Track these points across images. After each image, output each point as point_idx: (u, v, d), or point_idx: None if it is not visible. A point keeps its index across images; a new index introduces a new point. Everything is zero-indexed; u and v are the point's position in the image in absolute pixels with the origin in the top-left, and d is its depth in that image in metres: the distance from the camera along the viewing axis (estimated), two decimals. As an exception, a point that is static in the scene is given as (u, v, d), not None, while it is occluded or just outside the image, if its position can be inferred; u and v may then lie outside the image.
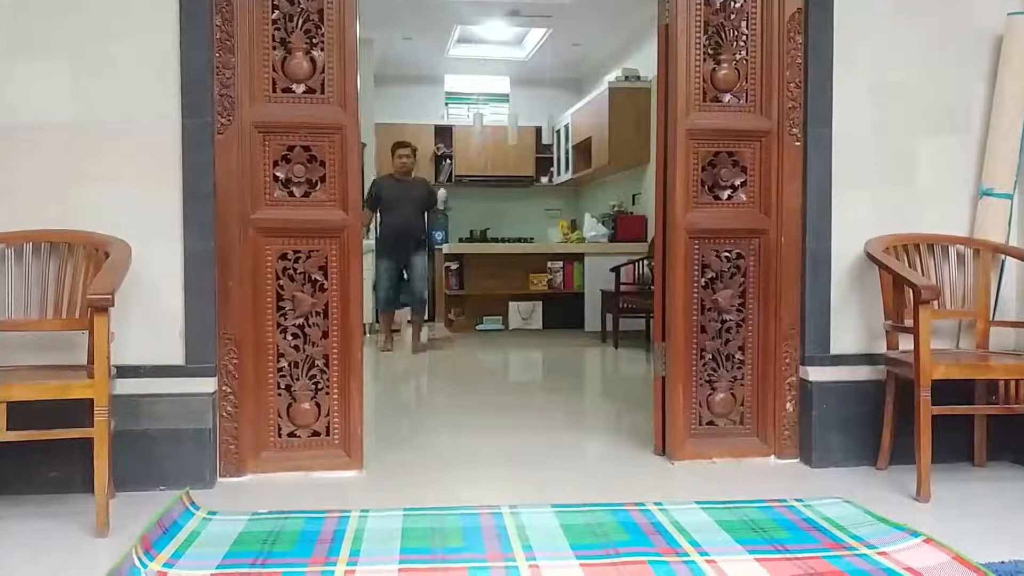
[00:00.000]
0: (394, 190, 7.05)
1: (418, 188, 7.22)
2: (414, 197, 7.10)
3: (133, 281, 2.88)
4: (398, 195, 7.03)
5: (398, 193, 7.03)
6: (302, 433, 3.22)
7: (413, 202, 7.09)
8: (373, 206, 7.08)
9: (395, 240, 7.06)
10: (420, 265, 7.18)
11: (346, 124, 3.16)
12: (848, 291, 3.35)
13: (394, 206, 7.02)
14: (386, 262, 7.11)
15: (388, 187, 7.10)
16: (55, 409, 2.58)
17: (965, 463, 3.29)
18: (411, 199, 7.08)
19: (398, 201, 7.01)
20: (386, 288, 7.12)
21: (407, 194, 7.06)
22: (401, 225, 7.02)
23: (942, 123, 3.38)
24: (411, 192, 7.09)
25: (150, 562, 2.28)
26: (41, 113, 2.97)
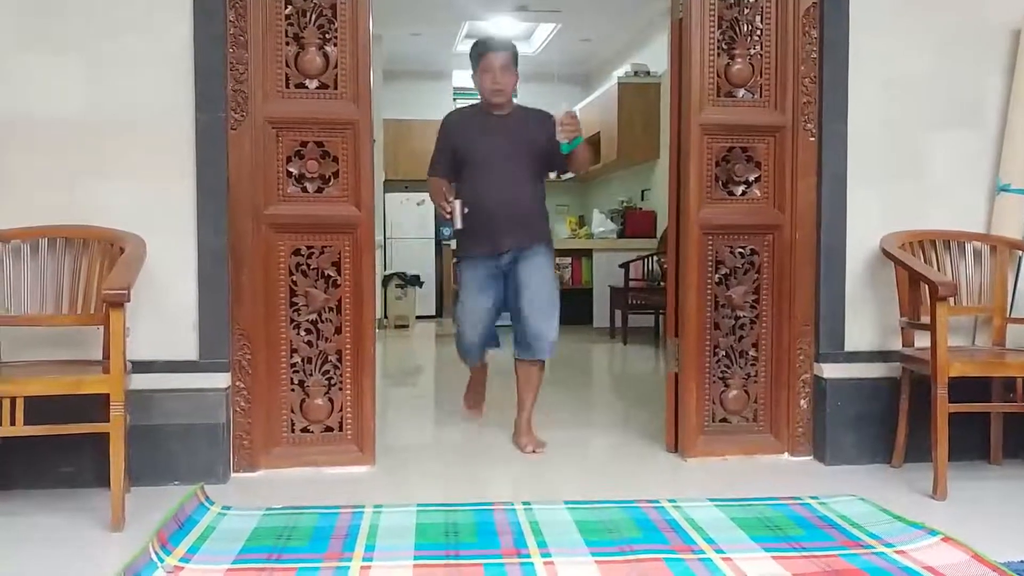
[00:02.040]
0: (484, 133, 3.55)
1: (530, 125, 3.55)
2: (523, 142, 3.52)
3: (146, 276, 2.88)
4: (493, 143, 3.52)
5: (493, 139, 3.53)
6: (315, 428, 3.22)
7: (521, 155, 3.53)
8: (449, 168, 3.60)
9: (489, 229, 3.48)
10: (540, 276, 3.53)
11: (359, 119, 3.16)
12: (863, 287, 3.33)
13: (486, 165, 3.51)
14: (472, 272, 3.60)
15: (471, 128, 3.59)
16: (70, 404, 2.58)
17: (981, 461, 3.27)
18: (517, 148, 3.52)
19: (493, 154, 3.51)
20: (472, 320, 3.62)
21: (510, 139, 3.53)
22: (498, 199, 3.47)
23: (958, 118, 3.36)
24: (517, 135, 3.53)
25: (167, 556, 2.28)
26: (55, 107, 2.96)
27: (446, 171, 3.58)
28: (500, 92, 3.48)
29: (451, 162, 3.56)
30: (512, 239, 3.47)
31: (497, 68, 3.46)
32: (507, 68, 3.48)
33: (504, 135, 3.49)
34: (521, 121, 3.54)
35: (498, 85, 3.47)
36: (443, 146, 3.59)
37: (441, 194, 3.52)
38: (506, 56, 3.49)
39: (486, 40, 3.61)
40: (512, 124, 3.53)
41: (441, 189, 3.56)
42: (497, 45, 3.54)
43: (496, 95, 3.48)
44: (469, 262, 3.56)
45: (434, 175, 3.60)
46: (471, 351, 3.70)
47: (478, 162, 3.48)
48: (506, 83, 3.48)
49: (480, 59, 3.49)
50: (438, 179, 3.59)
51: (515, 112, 3.58)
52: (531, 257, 3.49)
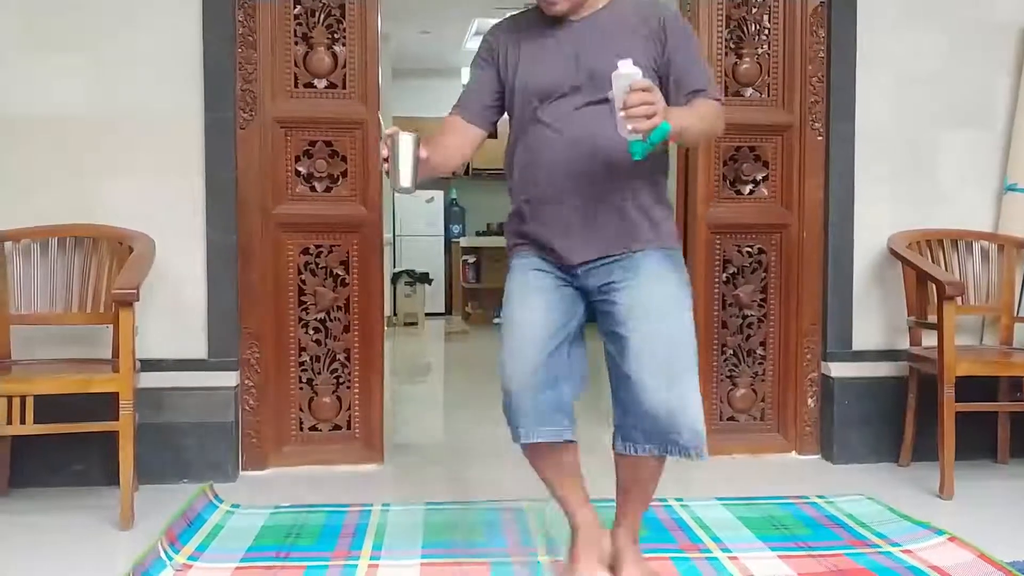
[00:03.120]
0: (545, 55, 1.95)
1: (633, 32, 1.93)
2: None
3: (156, 275, 2.90)
4: (561, 72, 1.92)
5: (561, 64, 1.93)
6: (323, 427, 3.24)
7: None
8: (483, 111, 2.06)
9: (553, 227, 1.97)
10: (655, 304, 1.92)
11: (367, 119, 3.17)
12: (870, 286, 3.32)
13: (549, 112, 1.92)
14: (523, 276, 2.04)
15: (528, 45, 1.99)
16: (80, 403, 2.60)
17: (988, 460, 3.26)
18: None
19: (561, 91, 1.92)
20: (519, 348, 1.98)
21: (595, 61, 1.87)
22: (568, 173, 1.91)
23: (966, 117, 3.35)
24: (607, 53, 1.78)
25: (175, 555, 2.30)
26: (63, 107, 2.98)
27: (475, 113, 2.03)
28: (554, 4, 1.89)
29: (490, 102, 2.03)
30: (596, 244, 1.92)
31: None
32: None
33: (584, 55, 1.88)
34: (616, 25, 1.91)
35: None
36: (477, 73, 2.06)
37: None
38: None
39: None
40: (600, 33, 1.90)
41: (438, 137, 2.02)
42: None
43: (551, 10, 1.91)
44: (521, 259, 2.04)
45: (452, 113, 2.07)
46: (520, 407, 1.96)
47: (535, 106, 1.91)
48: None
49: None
50: (451, 120, 2.06)
51: (606, 9, 1.94)
52: (638, 271, 1.90)
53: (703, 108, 1.89)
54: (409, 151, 1.78)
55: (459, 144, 2.06)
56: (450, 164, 2.05)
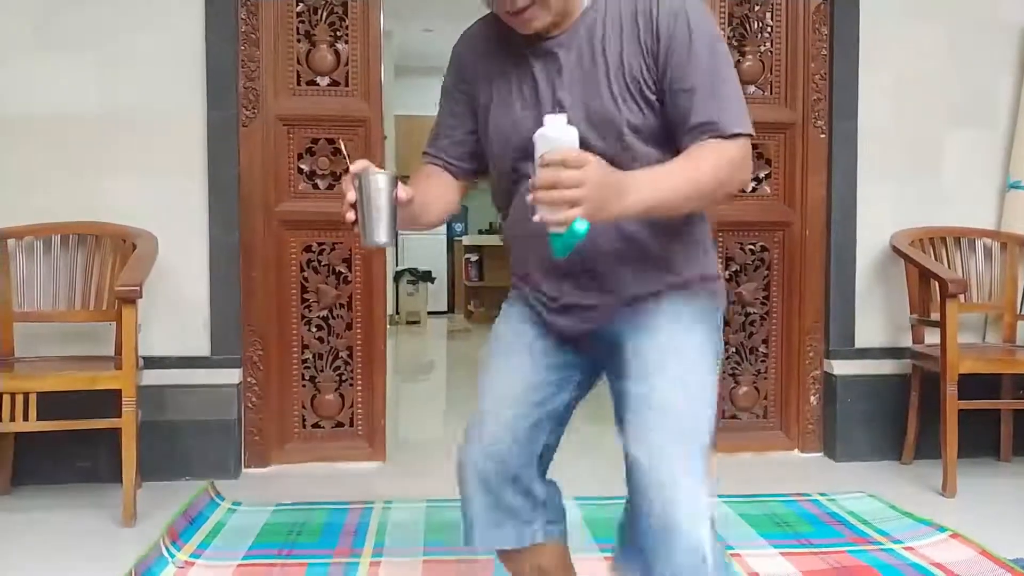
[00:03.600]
0: (521, 82, 1.42)
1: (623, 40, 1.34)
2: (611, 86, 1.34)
3: (158, 273, 2.90)
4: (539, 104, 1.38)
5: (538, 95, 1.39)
6: (326, 424, 3.24)
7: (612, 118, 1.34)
8: (461, 147, 1.54)
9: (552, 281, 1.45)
10: (670, 366, 1.34)
11: (370, 116, 3.17)
12: (873, 284, 3.32)
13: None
14: (508, 325, 1.56)
15: (498, 67, 1.45)
16: (83, 400, 2.61)
17: (990, 458, 3.26)
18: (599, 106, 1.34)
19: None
20: (491, 410, 1.49)
21: (581, 88, 1.36)
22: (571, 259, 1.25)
23: (968, 115, 3.34)
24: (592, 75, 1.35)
25: (177, 552, 2.30)
26: (67, 105, 2.99)
27: (452, 159, 1.55)
28: (522, 11, 1.33)
29: (470, 145, 1.54)
30: (602, 308, 1.43)
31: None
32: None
33: (564, 92, 1.38)
34: (603, 36, 1.37)
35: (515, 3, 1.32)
36: (449, 106, 1.55)
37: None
38: None
39: None
40: (581, 54, 1.38)
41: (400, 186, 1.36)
42: None
43: (524, 29, 1.37)
44: (515, 299, 1.59)
45: (425, 160, 1.57)
46: (474, 497, 1.52)
47: (514, 162, 1.43)
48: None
49: None
50: (426, 167, 1.56)
51: (592, 11, 1.39)
52: (651, 324, 1.40)
53: (698, 163, 1.25)
54: (384, 195, 1.26)
55: (441, 193, 1.51)
56: (432, 216, 1.48)
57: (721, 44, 1.36)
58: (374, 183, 1.27)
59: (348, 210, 1.29)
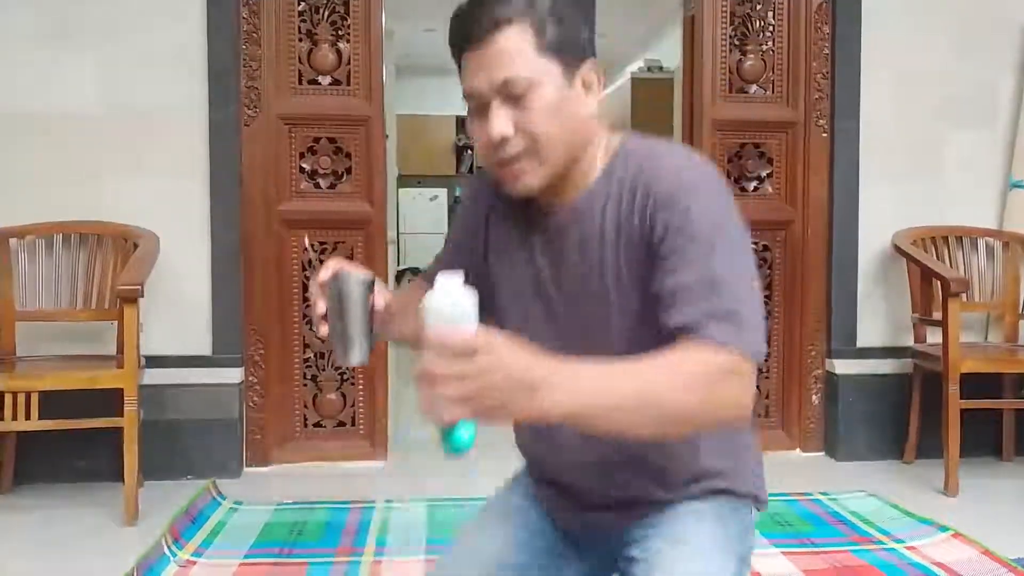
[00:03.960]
0: (522, 260, 1.18)
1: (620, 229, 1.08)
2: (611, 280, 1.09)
3: (160, 272, 2.90)
4: (539, 286, 1.16)
5: (538, 276, 1.16)
6: (327, 423, 3.24)
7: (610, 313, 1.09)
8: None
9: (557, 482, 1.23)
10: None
11: (371, 116, 3.17)
12: (874, 283, 3.32)
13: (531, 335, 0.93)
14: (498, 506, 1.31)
15: (505, 237, 1.21)
16: (85, 399, 2.61)
17: (992, 458, 3.26)
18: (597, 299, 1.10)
19: (542, 315, 1.16)
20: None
21: (579, 278, 1.12)
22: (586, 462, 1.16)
23: (970, 115, 3.34)
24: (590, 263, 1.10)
25: (179, 551, 2.30)
26: (69, 104, 2.99)
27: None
28: (510, 162, 1.07)
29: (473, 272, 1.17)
30: (610, 513, 1.19)
31: (487, 86, 1.05)
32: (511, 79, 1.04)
33: (564, 266, 1.14)
34: (599, 221, 1.10)
35: (506, 149, 1.06)
36: (457, 238, 1.33)
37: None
38: (512, 33, 1.04)
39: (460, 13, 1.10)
40: (583, 237, 1.11)
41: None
42: (479, 20, 1.05)
43: (515, 185, 1.10)
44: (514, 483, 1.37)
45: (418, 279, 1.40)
46: None
47: (513, 326, 1.13)
48: (532, 125, 1.05)
49: (456, 58, 1.12)
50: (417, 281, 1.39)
51: (594, 198, 1.11)
52: (664, 520, 1.14)
53: (666, 372, 0.92)
54: (359, 306, 1.08)
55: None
56: (406, 329, 1.22)
57: (728, 232, 1.04)
58: (347, 293, 1.07)
59: (320, 323, 1.10)
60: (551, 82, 1.04)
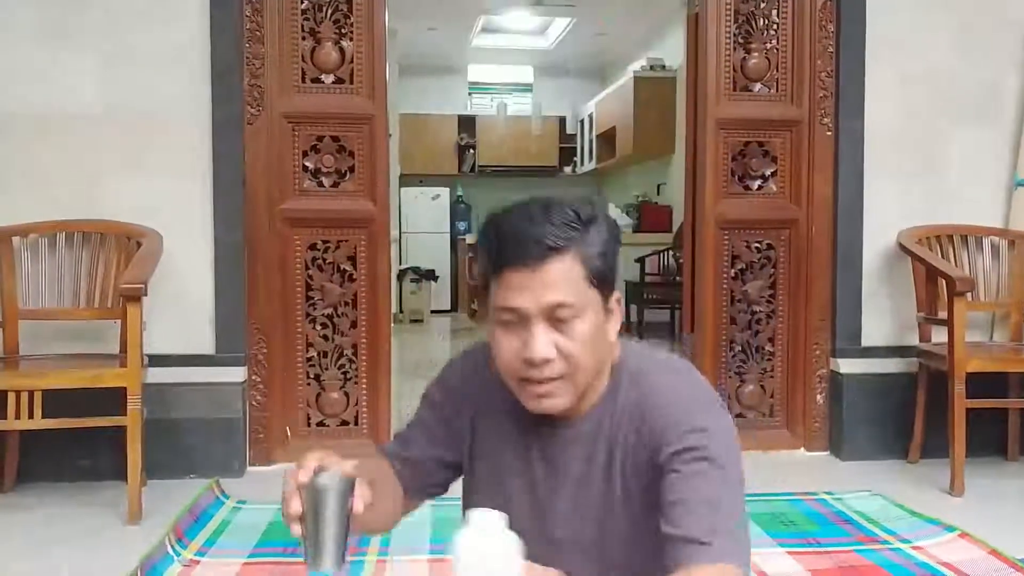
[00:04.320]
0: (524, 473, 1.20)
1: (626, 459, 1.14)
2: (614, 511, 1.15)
3: (163, 270, 2.89)
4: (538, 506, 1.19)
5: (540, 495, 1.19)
6: (331, 422, 3.24)
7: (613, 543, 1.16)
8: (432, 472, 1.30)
9: None
10: None
11: (375, 114, 3.16)
12: (879, 283, 3.30)
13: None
14: None
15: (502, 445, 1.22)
16: (88, 398, 2.60)
17: (997, 457, 3.24)
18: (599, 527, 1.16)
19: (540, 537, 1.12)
20: None
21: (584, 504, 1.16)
22: None
23: (975, 113, 3.33)
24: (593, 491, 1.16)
25: (183, 550, 2.30)
26: (71, 102, 2.98)
27: (412, 474, 1.29)
28: (544, 382, 1.09)
29: (435, 478, 1.32)
30: None
31: (534, 306, 1.06)
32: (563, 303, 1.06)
33: (564, 480, 1.18)
34: (606, 443, 1.16)
35: (546, 371, 1.08)
36: (425, 422, 1.30)
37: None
38: (565, 261, 1.06)
39: (512, 221, 1.09)
40: (589, 456, 1.17)
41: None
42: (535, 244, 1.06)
43: (540, 404, 1.11)
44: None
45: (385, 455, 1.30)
46: None
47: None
48: (574, 351, 1.08)
49: (495, 270, 1.09)
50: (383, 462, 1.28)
51: (598, 417, 1.16)
52: None
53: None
54: (337, 516, 0.99)
55: (388, 507, 1.22)
56: (378, 527, 1.31)
57: (730, 460, 1.09)
58: (325, 502, 0.98)
59: (293, 523, 0.99)
60: (593, 312, 1.08)
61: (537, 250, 1.04)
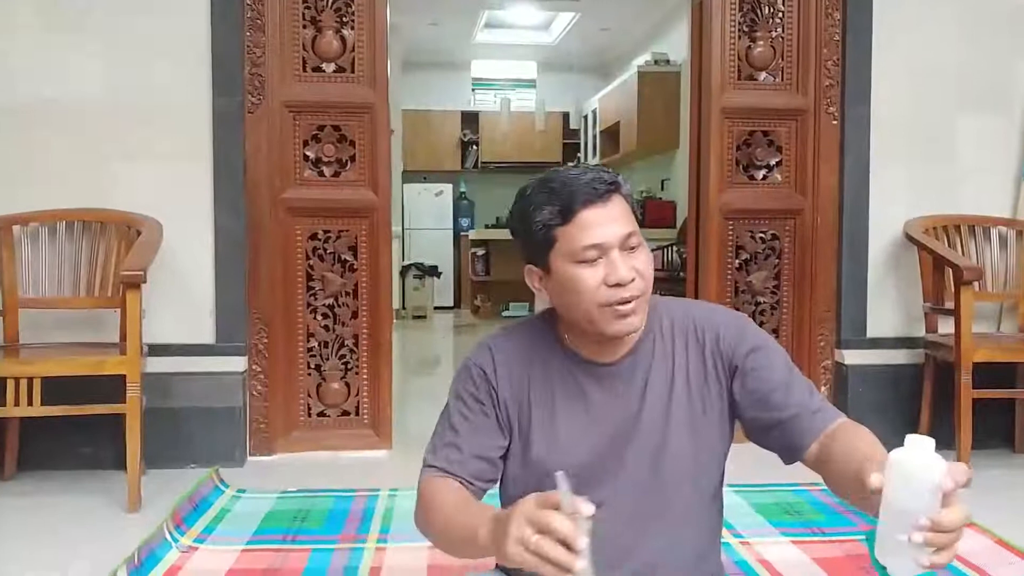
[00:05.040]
0: (587, 420, 1.26)
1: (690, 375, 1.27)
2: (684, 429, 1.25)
3: (164, 260, 2.88)
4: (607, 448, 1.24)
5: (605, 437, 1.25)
6: (331, 413, 3.22)
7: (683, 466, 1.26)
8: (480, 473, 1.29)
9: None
10: None
11: (376, 103, 3.14)
12: (885, 273, 3.28)
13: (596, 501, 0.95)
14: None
15: (554, 398, 1.27)
16: (87, 386, 2.59)
17: (1005, 448, 3.22)
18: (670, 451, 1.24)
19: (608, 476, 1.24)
20: None
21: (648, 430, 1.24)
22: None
23: (983, 102, 3.30)
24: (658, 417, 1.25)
25: (181, 537, 2.28)
26: (72, 91, 2.96)
27: (473, 469, 1.30)
28: (628, 301, 1.19)
29: (488, 453, 1.30)
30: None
31: (613, 236, 1.19)
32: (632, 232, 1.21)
33: (630, 411, 1.26)
34: (666, 366, 1.28)
35: (631, 289, 1.19)
36: (466, 415, 1.32)
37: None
38: (621, 198, 1.22)
39: (562, 176, 1.23)
40: (648, 379, 1.27)
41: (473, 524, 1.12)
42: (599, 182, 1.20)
43: (626, 322, 1.20)
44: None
45: (435, 474, 1.35)
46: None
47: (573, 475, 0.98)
48: (645, 272, 1.21)
49: (566, 217, 1.20)
50: (449, 483, 1.31)
51: (644, 346, 1.28)
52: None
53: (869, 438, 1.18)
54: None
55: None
56: None
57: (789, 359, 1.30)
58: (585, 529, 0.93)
59: (576, 559, 0.91)
60: (643, 240, 1.24)
61: (604, 188, 1.20)
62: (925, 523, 0.89)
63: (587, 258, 1.19)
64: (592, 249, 1.19)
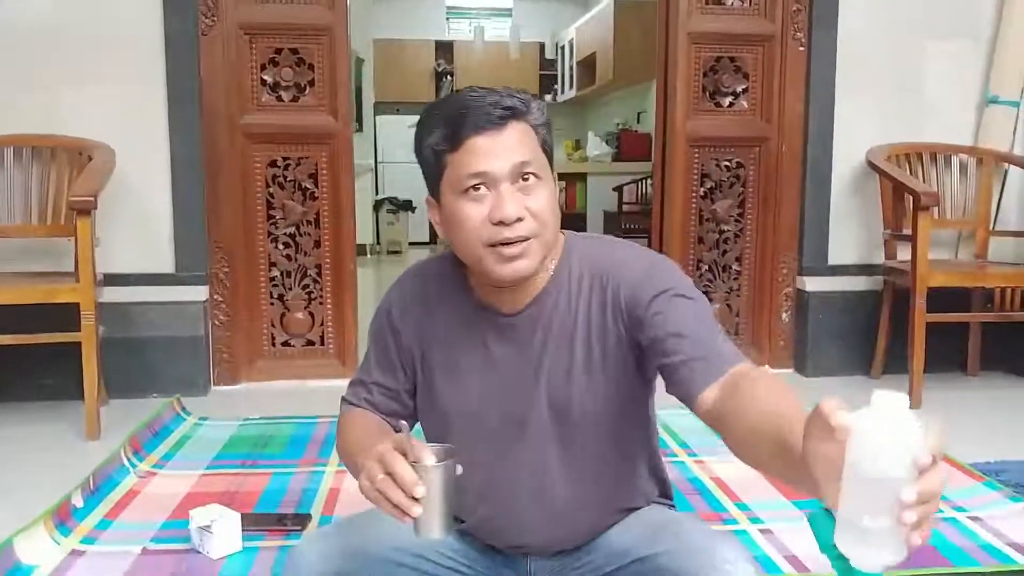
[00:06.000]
0: (484, 368, 1.20)
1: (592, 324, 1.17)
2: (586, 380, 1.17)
3: (119, 188, 2.83)
4: (503, 400, 1.19)
5: (502, 388, 1.19)
6: (296, 342, 3.22)
7: (582, 420, 1.18)
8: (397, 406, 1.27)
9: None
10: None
11: (334, 24, 3.07)
12: (848, 201, 3.28)
13: (493, 451, 1.20)
14: None
15: (454, 343, 1.22)
16: (44, 316, 2.57)
17: (958, 372, 3.28)
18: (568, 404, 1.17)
19: (506, 428, 1.19)
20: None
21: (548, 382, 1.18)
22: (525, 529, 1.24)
23: (950, 28, 3.27)
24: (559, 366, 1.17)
25: (139, 463, 2.29)
26: (20, 13, 2.87)
27: (385, 408, 1.28)
28: (517, 241, 1.09)
29: (396, 392, 1.28)
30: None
31: (501, 167, 1.09)
32: (527, 162, 1.10)
33: (531, 372, 1.18)
34: (567, 317, 1.18)
35: (517, 229, 1.09)
36: (378, 356, 1.29)
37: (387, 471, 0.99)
38: (521, 125, 1.12)
39: (461, 98, 1.15)
40: (549, 330, 1.18)
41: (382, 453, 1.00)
42: (493, 107, 1.10)
43: (512, 266, 1.11)
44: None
45: (357, 404, 1.31)
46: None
47: (470, 441, 1.16)
48: (540, 210, 1.11)
49: (454, 143, 1.11)
50: (363, 420, 1.26)
51: (548, 294, 1.18)
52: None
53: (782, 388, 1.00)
54: (448, 486, 1.02)
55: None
56: None
57: (703, 303, 1.16)
58: (442, 478, 1.00)
59: (416, 506, 0.96)
60: (547, 176, 1.13)
61: (498, 113, 1.09)
62: (908, 501, 0.70)
63: (470, 188, 1.09)
64: (475, 177, 1.08)
